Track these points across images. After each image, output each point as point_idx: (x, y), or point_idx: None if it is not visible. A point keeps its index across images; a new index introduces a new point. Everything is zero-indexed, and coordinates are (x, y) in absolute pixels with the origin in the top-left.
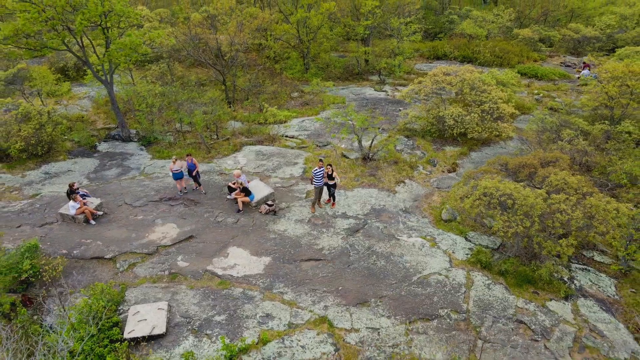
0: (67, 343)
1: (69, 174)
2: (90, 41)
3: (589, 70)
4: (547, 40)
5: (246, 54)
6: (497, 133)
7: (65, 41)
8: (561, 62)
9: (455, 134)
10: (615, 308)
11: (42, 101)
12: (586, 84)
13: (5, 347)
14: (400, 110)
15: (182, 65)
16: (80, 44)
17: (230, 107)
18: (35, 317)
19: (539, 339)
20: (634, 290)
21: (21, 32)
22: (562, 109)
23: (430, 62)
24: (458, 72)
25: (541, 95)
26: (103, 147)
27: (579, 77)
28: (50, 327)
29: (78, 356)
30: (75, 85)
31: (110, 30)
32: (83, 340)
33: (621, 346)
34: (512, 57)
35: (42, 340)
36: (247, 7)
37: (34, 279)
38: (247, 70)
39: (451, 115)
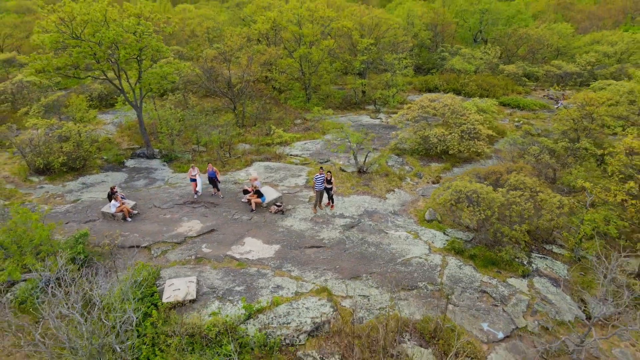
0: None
1: (103, 184)
2: (125, 72)
3: (563, 101)
4: (531, 75)
5: (254, 84)
6: (476, 151)
7: (104, 71)
8: (544, 95)
9: (439, 152)
10: (564, 285)
11: (75, 125)
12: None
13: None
14: (392, 133)
15: (196, 95)
16: (118, 74)
17: (240, 133)
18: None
19: (498, 305)
20: (582, 273)
21: (70, 64)
22: (534, 132)
23: (422, 94)
24: (441, 99)
25: (521, 122)
26: (130, 163)
27: (557, 107)
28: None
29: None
30: (100, 113)
31: (143, 62)
32: (132, 302)
33: (566, 311)
34: (497, 90)
35: (99, 301)
36: (255, 45)
37: (85, 260)
38: (255, 99)
39: (435, 135)
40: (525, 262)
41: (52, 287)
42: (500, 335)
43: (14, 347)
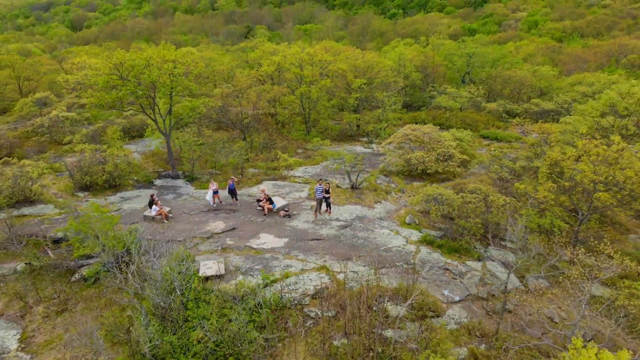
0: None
1: (138, 198)
2: (157, 105)
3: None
4: (512, 112)
5: (262, 118)
6: (453, 172)
7: (142, 104)
8: (519, 130)
9: (420, 172)
10: (510, 266)
11: (114, 150)
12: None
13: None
14: (380, 158)
15: (208, 128)
16: (152, 107)
17: (248, 159)
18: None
19: (457, 278)
20: (527, 260)
21: (118, 99)
22: (501, 157)
23: None
24: (421, 129)
25: (496, 151)
26: (158, 182)
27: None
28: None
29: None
30: (124, 144)
31: (174, 97)
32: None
33: (509, 284)
34: (479, 125)
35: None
36: (262, 84)
37: (134, 250)
38: (262, 131)
39: (415, 157)
40: (481, 251)
41: (118, 265)
42: (457, 298)
43: (86, 310)
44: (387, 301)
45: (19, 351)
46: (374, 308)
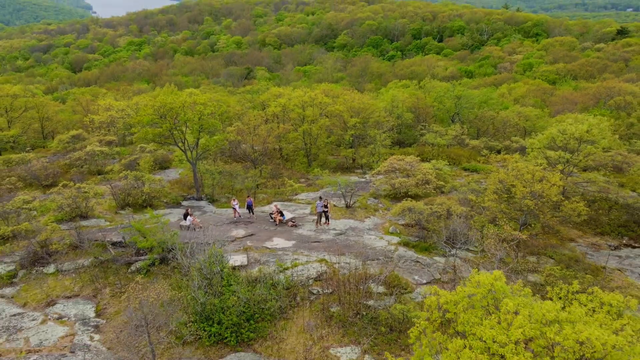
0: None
1: (170, 214)
2: (187, 140)
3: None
4: (493, 148)
5: (269, 151)
6: (429, 193)
7: (175, 138)
8: (498, 163)
9: (403, 194)
10: (468, 260)
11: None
12: None
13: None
14: (371, 184)
15: (222, 160)
16: (183, 141)
17: (258, 185)
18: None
19: (425, 267)
20: (482, 257)
21: (158, 134)
22: (473, 183)
23: None
24: (405, 159)
25: (471, 180)
26: (185, 203)
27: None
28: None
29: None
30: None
31: (201, 133)
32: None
33: (467, 272)
34: (462, 159)
35: (197, 261)
36: (270, 123)
37: (174, 250)
38: (269, 163)
39: (399, 182)
40: (447, 250)
41: (166, 259)
42: (424, 281)
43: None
44: (371, 282)
45: (96, 318)
46: (361, 287)
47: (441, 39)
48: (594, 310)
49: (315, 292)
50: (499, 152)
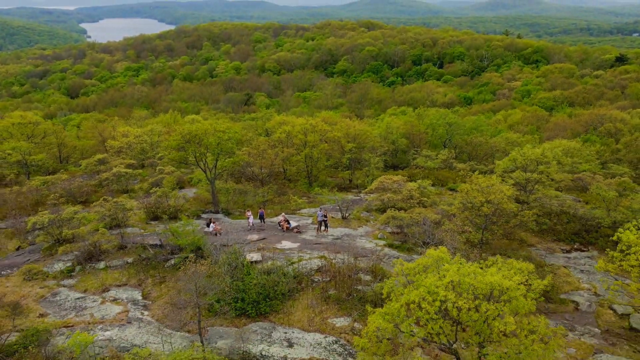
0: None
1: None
2: (207, 161)
3: None
4: (480, 170)
5: (275, 173)
6: (412, 207)
7: (197, 159)
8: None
9: (392, 207)
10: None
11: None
12: None
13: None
14: (363, 200)
15: (232, 180)
16: (204, 161)
17: (266, 202)
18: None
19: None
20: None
21: (184, 156)
22: (450, 199)
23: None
24: (393, 178)
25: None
26: (204, 216)
27: None
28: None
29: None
30: None
31: (220, 155)
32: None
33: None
34: (449, 180)
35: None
36: (273, 148)
37: (200, 251)
38: (275, 183)
39: (387, 197)
40: (421, 247)
41: (194, 257)
42: None
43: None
44: (360, 273)
45: (143, 300)
46: (352, 276)
47: (441, 65)
48: (509, 273)
49: (316, 280)
50: (485, 174)
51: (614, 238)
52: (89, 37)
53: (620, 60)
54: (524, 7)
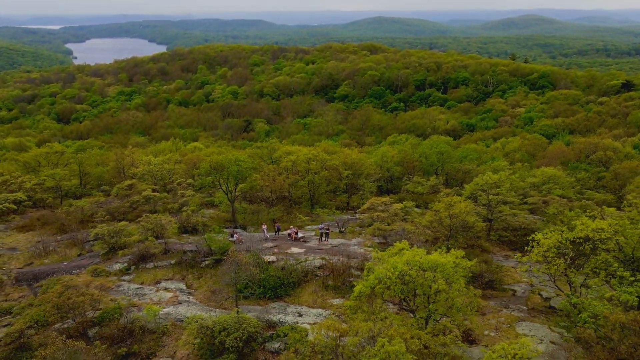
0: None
1: (217, 236)
2: (228, 185)
3: None
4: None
5: (282, 196)
6: (398, 223)
7: (220, 184)
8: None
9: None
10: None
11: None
12: None
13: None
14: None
15: (245, 202)
16: (227, 184)
17: (275, 220)
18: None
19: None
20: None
21: (211, 181)
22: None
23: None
24: (381, 199)
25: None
26: (226, 229)
27: None
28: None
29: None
30: None
31: (239, 179)
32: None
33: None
34: (433, 203)
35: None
36: (282, 175)
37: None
38: (281, 205)
39: (377, 215)
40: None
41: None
42: None
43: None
44: (352, 269)
45: (187, 289)
46: (346, 271)
47: (445, 90)
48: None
49: (318, 274)
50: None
51: (530, 238)
52: (75, 57)
53: (626, 86)
54: (537, 27)
